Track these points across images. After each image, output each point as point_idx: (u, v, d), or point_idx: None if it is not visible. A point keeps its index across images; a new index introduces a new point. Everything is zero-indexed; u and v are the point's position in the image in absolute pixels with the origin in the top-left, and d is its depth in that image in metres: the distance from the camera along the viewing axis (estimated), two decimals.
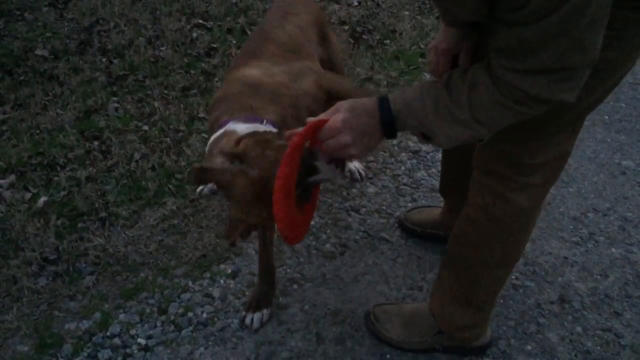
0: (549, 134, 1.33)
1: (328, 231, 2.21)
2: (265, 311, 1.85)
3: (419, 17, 3.57)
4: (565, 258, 2.15)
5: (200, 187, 2.29)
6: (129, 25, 3.34)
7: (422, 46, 3.32)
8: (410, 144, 2.67)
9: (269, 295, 1.87)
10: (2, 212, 2.14)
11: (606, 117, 2.99)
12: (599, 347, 1.85)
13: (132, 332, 1.80)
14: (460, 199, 1.65)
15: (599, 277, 2.09)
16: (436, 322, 1.74)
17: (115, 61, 3.05)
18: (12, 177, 2.30)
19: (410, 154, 2.61)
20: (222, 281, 1.98)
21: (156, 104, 2.74)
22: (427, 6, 3.66)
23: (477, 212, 1.51)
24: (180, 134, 2.58)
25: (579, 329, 1.91)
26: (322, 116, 1.24)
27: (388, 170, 2.51)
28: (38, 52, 3.05)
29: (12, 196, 2.22)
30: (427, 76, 3.09)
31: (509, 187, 1.42)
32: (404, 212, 2.26)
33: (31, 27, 3.24)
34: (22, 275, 1.92)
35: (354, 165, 2.43)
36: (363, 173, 2.43)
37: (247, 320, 1.83)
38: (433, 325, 1.75)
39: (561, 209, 2.37)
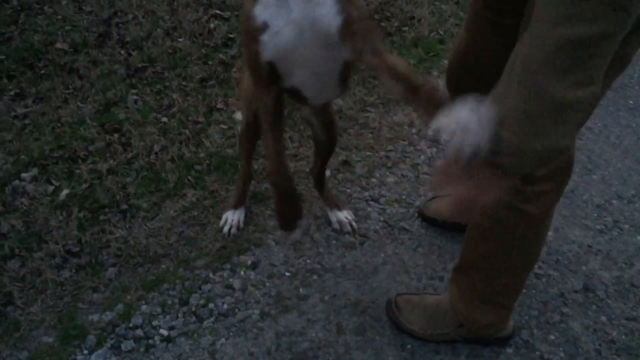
0: None
1: None
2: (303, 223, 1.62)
3: (437, 2, 3.52)
4: (589, 246, 2.12)
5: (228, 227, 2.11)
6: (146, 17, 3.34)
7: (441, 32, 3.28)
8: (430, 132, 2.64)
9: (294, 205, 1.59)
10: (25, 206, 2.16)
11: (631, 102, 2.92)
12: (623, 337, 1.82)
13: (154, 323, 1.82)
14: None
15: (623, 265, 2.06)
16: (459, 316, 1.73)
17: (133, 53, 3.06)
18: (35, 171, 2.32)
19: (429, 142, 2.59)
20: (242, 272, 1.99)
21: (175, 96, 2.75)
22: None
23: (489, 223, 1.50)
24: (199, 125, 2.59)
25: (603, 318, 1.88)
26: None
27: (407, 159, 2.49)
28: (58, 45, 3.06)
29: (35, 189, 2.24)
30: (447, 63, 3.05)
31: (519, 198, 1.40)
32: (424, 201, 2.24)
33: (51, 20, 3.26)
34: (45, 268, 1.95)
35: (345, 215, 2.14)
36: (355, 225, 2.14)
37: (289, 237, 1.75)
38: (455, 318, 1.73)
39: (585, 197, 2.33)
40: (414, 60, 3.05)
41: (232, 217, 2.12)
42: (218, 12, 3.45)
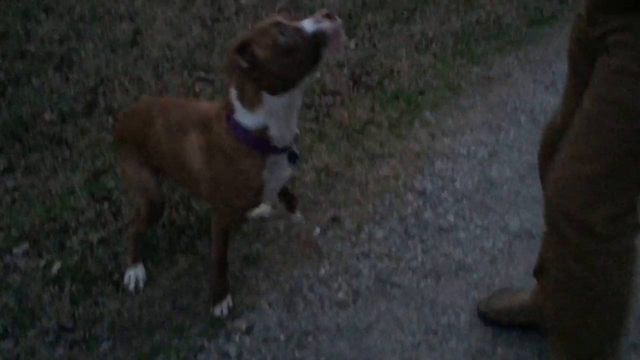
0: None
1: (339, 279, 2.22)
2: (229, 298, 2.10)
3: (415, 55, 3.63)
4: None
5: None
6: (132, 83, 3.41)
7: (420, 84, 3.37)
8: (416, 184, 2.69)
9: (227, 285, 2.09)
10: (17, 282, 2.17)
11: None
12: None
13: None
14: None
15: None
16: None
17: None
18: (26, 245, 2.34)
19: (416, 194, 2.63)
20: (237, 338, 1.99)
21: None
22: (424, 44, 3.72)
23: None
24: None
25: None
26: None
27: (395, 213, 2.53)
28: (46, 116, 3.11)
29: (27, 264, 2.25)
30: (428, 114, 3.13)
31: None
32: (484, 301, 2.07)
33: (38, 91, 3.32)
34: (40, 346, 1.94)
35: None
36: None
37: (217, 312, 2.06)
38: None
39: None
40: (396, 113, 3.13)
41: (134, 274, 2.20)
42: (203, 74, 3.53)
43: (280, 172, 1.83)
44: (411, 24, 3.97)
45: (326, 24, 1.51)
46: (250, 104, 1.66)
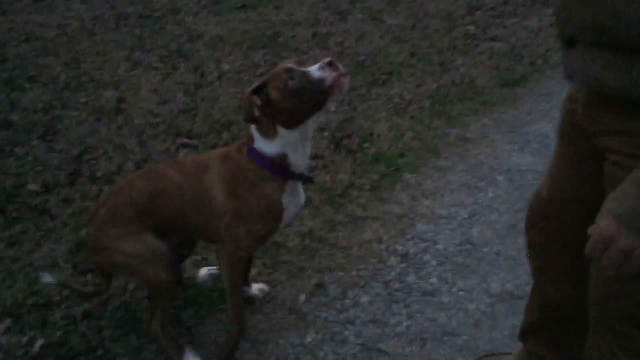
0: None
1: (325, 347, 2.22)
2: None
3: (394, 117, 3.73)
4: None
5: None
6: (116, 151, 3.45)
7: (399, 146, 3.46)
8: (398, 247, 2.73)
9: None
10: None
11: None
12: None
13: None
14: (543, 348, 1.69)
15: None
16: None
17: (105, 188, 3.13)
18: (8, 321, 2.31)
19: (399, 257, 2.67)
20: None
21: None
22: (402, 106, 3.84)
23: None
24: None
25: None
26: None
27: (379, 277, 2.55)
28: (30, 186, 3.13)
29: (9, 341, 2.22)
30: (408, 176, 3.20)
31: None
32: None
33: (22, 161, 3.34)
34: None
35: (260, 288, 2.48)
36: (266, 290, 2.49)
37: None
38: None
39: None
40: (377, 176, 3.19)
41: None
42: (186, 140, 3.59)
43: (297, 198, 2.02)
44: (389, 87, 4.10)
45: (327, 73, 1.74)
46: (267, 135, 1.88)
